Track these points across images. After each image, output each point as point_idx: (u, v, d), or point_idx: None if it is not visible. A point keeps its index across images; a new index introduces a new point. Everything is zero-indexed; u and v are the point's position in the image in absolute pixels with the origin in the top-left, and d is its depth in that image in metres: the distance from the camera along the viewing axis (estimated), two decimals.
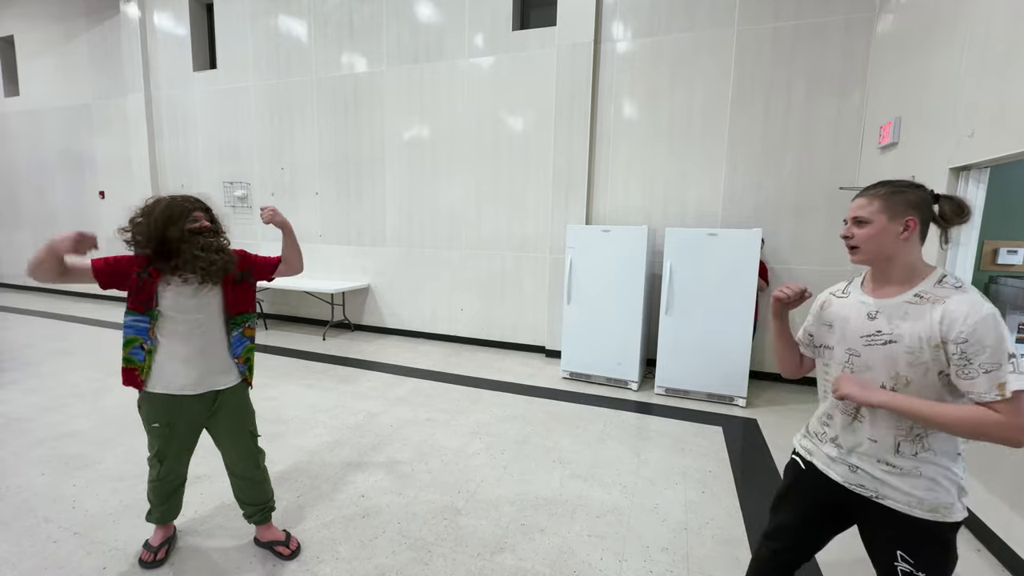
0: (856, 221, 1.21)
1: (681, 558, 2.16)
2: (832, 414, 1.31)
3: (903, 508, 1.17)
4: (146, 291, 1.77)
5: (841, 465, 1.27)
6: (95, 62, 7.72)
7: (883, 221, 1.16)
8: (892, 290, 1.19)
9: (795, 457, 1.44)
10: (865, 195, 1.21)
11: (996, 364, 1.02)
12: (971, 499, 2.37)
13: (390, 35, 5.75)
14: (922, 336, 1.10)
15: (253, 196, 6.84)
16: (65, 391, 3.96)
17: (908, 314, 1.14)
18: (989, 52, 2.56)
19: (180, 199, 1.79)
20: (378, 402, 3.93)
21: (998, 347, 1.02)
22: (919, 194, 1.17)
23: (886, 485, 1.18)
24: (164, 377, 1.83)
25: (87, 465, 2.80)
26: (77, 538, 2.17)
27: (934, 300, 1.11)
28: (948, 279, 1.14)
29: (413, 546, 2.18)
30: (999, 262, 2.85)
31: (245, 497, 2.09)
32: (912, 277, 1.17)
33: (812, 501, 1.36)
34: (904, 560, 1.17)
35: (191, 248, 1.74)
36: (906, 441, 1.16)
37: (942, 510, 1.15)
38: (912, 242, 1.16)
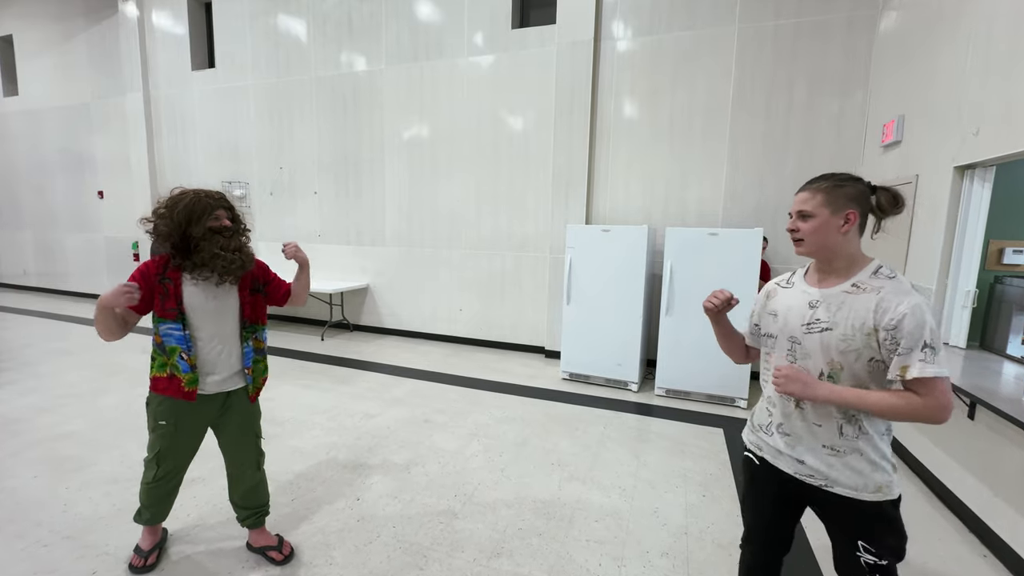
0: (800, 215, 1.26)
1: (681, 563, 2.13)
2: (774, 401, 1.35)
3: (851, 493, 1.21)
4: (172, 296, 1.76)
5: (788, 459, 1.31)
6: (94, 61, 7.70)
7: (826, 215, 1.21)
8: (832, 280, 1.25)
9: (747, 454, 1.47)
10: (808, 189, 1.26)
11: (908, 349, 1.10)
12: (977, 503, 2.35)
13: (389, 34, 5.71)
14: (855, 324, 1.15)
15: (252, 195, 6.82)
16: (63, 392, 3.93)
17: (844, 303, 1.19)
18: (994, 49, 2.52)
19: (204, 195, 1.77)
20: (375, 403, 3.90)
21: (915, 334, 1.09)
22: (858, 187, 1.21)
23: (833, 469, 1.23)
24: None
25: (81, 467, 2.77)
26: (68, 542, 2.14)
27: (870, 289, 1.17)
28: (883, 270, 1.20)
29: (409, 551, 2.15)
30: (1005, 262, 2.80)
31: (242, 501, 2.06)
32: (851, 268, 1.23)
33: (772, 495, 1.39)
34: (866, 550, 1.22)
35: (211, 246, 1.73)
36: (846, 423, 1.21)
37: (884, 488, 1.20)
38: (852, 234, 1.21)
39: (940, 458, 2.70)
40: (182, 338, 1.77)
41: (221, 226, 1.78)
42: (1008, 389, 2.22)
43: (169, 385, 1.80)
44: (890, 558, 1.21)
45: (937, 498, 2.67)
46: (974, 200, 2.72)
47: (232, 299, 1.87)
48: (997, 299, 2.73)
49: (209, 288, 1.80)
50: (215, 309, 1.83)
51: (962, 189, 2.76)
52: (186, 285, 1.78)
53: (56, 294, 8.77)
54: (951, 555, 2.23)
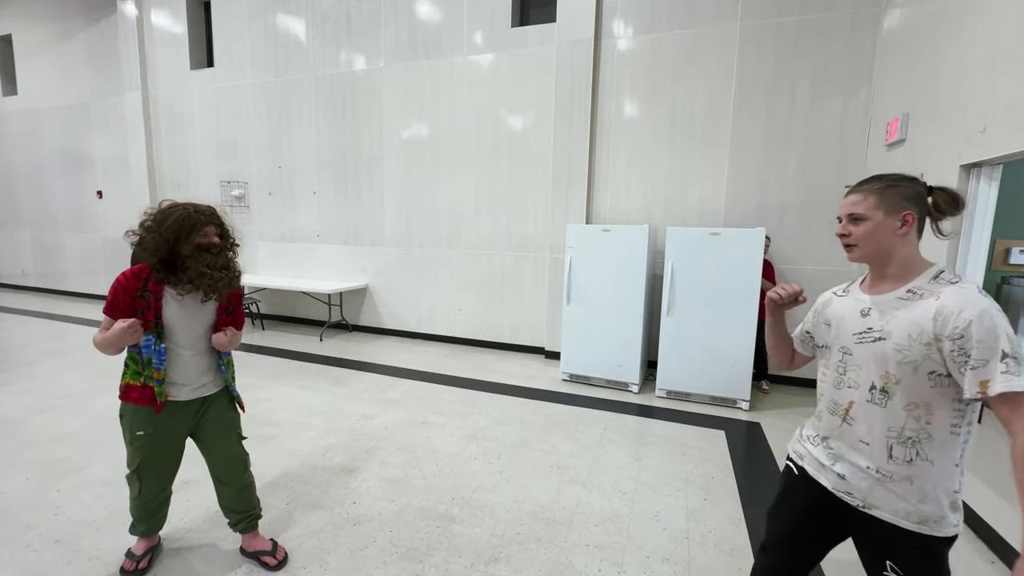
0: (852, 218, 1.17)
1: (683, 569, 2.08)
2: (823, 414, 1.29)
3: (890, 519, 1.12)
4: (151, 309, 1.73)
5: (830, 473, 1.23)
6: (93, 61, 7.67)
7: (880, 217, 1.13)
8: (887, 287, 1.17)
9: (788, 463, 1.41)
10: (859, 191, 1.17)
11: (983, 361, 0.98)
12: (985, 509, 2.30)
13: (388, 32, 5.68)
14: (911, 333, 1.06)
15: (251, 195, 6.79)
16: (57, 392, 3.90)
17: (899, 310, 1.11)
18: (1001, 46, 2.48)
19: (193, 210, 1.73)
20: (373, 404, 3.86)
21: (989, 343, 0.98)
22: (914, 187, 1.13)
23: (873, 494, 1.14)
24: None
25: (74, 470, 2.74)
26: (58, 546, 2.10)
27: (927, 295, 1.08)
28: (944, 275, 1.11)
29: (405, 556, 2.11)
30: (1011, 262, 2.76)
31: (231, 504, 2.02)
32: (908, 273, 1.14)
33: (804, 508, 1.32)
34: (893, 570, 1.13)
35: (198, 265, 1.71)
36: (898, 445, 1.11)
37: (931, 523, 1.09)
38: (910, 237, 1.13)
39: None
40: (153, 351, 1.75)
41: (209, 243, 1.75)
42: None
43: (143, 394, 1.78)
44: None
45: None
46: (980, 199, 2.67)
47: (208, 315, 1.86)
48: (1004, 299, 2.69)
49: (192, 303, 1.79)
50: (191, 323, 1.81)
51: (968, 188, 2.72)
52: (167, 299, 1.75)
53: (54, 294, 8.74)
54: (959, 561, 2.18)
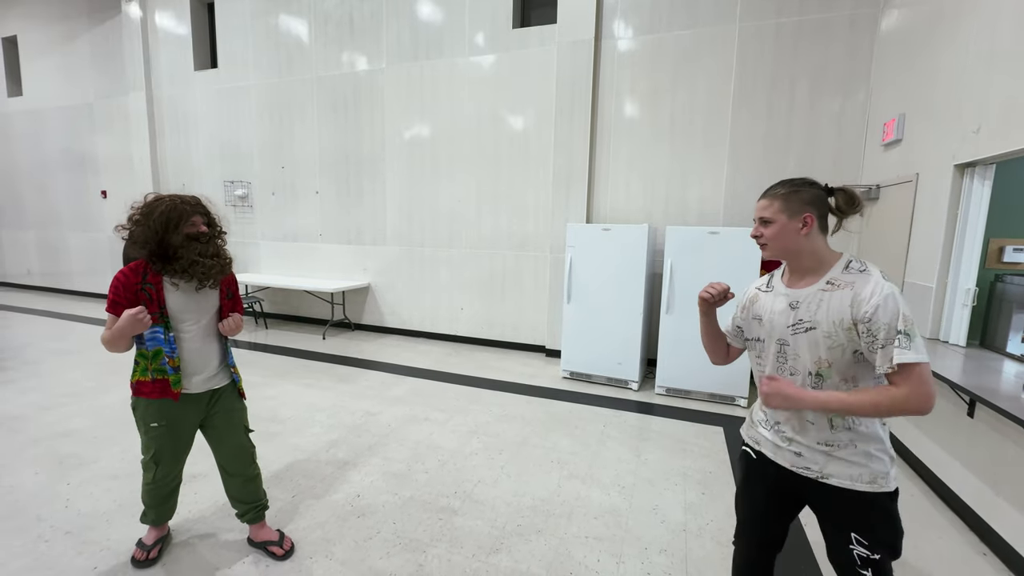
0: (762, 221, 1.31)
1: (680, 560, 2.13)
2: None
3: (846, 483, 1.22)
4: (154, 301, 1.77)
5: (786, 452, 1.32)
6: (97, 61, 7.73)
7: (784, 219, 1.26)
8: (807, 280, 1.28)
9: (745, 448, 1.48)
10: (766, 196, 1.31)
11: (887, 340, 1.11)
12: (977, 502, 2.34)
13: (390, 33, 5.73)
14: (835, 320, 1.18)
15: (254, 195, 6.84)
16: (63, 390, 3.95)
17: (823, 301, 1.22)
18: (996, 47, 2.52)
19: (179, 202, 1.77)
20: (376, 402, 3.91)
21: (891, 323, 1.11)
22: (813, 191, 1.26)
23: (829, 463, 1.24)
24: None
25: (82, 464, 2.79)
26: (69, 537, 2.15)
27: (843, 285, 1.20)
28: (853, 264, 1.23)
29: (408, 547, 2.16)
30: (1005, 260, 2.79)
31: (238, 495, 2.07)
32: (821, 266, 1.26)
33: (767, 489, 1.40)
34: (859, 543, 1.22)
35: (190, 254, 1.75)
36: (837, 417, 1.23)
37: (879, 480, 1.21)
38: (813, 235, 1.25)
39: (940, 456, 2.69)
40: (163, 340, 1.79)
41: (198, 232, 1.80)
42: (1008, 387, 2.21)
43: (154, 388, 1.82)
44: (883, 552, 1.21)
45: (937, 496, 2.67)
46: (974, 198, 2.71)
47: (212, 300, 1.91)
48: (997, 297, 2.72)
49: (190, 291, 1.83)
50: (197, 310, 1.86)
51: (962, 187, 2.76)
52: (168, 289, 1.79)
53: (60, 293, 8.80)
54: (951, 553, 2.23)
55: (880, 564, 1.21)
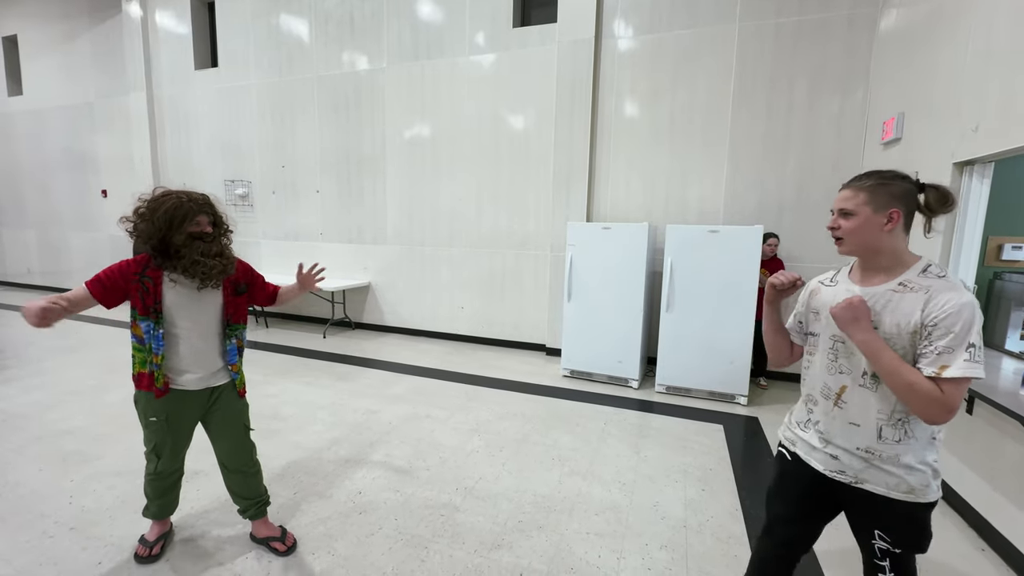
0: (842, 213, 1.23)
1: (680, 556, 2.14)
2: (816, 399, 1.33)
3: (881, 491, 1.20)
4: (152, 294, 1.77)
5: (821, 454, 1.30)
6: (98, 61, 7.74)
7: (868, 213, 1.18)
8: (878, 279, 1.22)
9: (781, 449, 1.47)
10: (851, 187, 1.23)
11: (950, 349, 1.06)
12: (975, 498, 2.35)
13: (391, 33, 5.74)
14: (901, 323, 1.13)
15: (254, 194, 6.85)
16: (66, 388, 3.96)
17: (891, 302, 1.17)
18: (994, 46, 2.53)
19: (186, 199, 1.77)
20: (377, 400, 3.92)
21: (961, 335, 1.06)
22: (904, 185, 1.18)
23: (865, 470, 1.21)
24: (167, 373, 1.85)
25: (86, 461, 2.80)
26: (73, 533, 2.17)
27: (917, 289, 1.14)
28: (932, 268, 1.17)
29: (410, 543, 2.17)
30: (1004, 258, 2.81)
31: (239, 491, 2.08)
32: (897, 266, 1.20)
33: (800, 491, 1.38)
34: (881, 538, 1.22)
35: (192, 253, 1.74)
36: (888, 426, 1.18)
37: (918, 491, 1.18)
38: (896, 233, 1.18)
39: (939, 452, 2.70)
40: (151, 336, 1.79)
41: (202, 232, 1.79)
42: (1006, 383, 2.23)
43: (147, 381, 1.83)
44: (905, 548, 1.20)
45: None
46: (973, 196, 2.72)
47: (215, 299, 1.89)
48: (996, 295, 2.74)
49: (191, 289, 1.82)
50: (198, 308, 1.85)
51: (961, 185, 2.77)
52: (166, 285, 1.79)
53: (60, 292, 8.79)
54: (950, 549, 2.24)
55: (900, 557, 1.20)
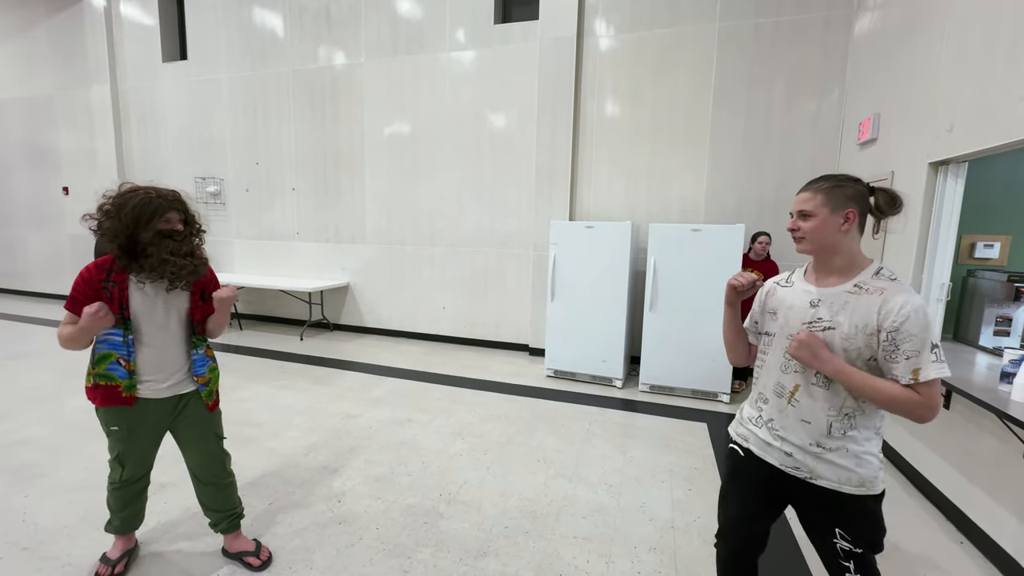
0: (801, 214, 1.27)
1: (669, 558, 2.11)
2: (767, 397, 1.35)
3: (834, 486, 1.23)
4: (115, 301, 1.66)
5: (775, 451, 1.32)
6: (57, 51, 7.36)
7: (825, 214, 1.22)
8: (833, 280, 1.26)
9: (733, 446, 1.48)
10: (809, 189, 1.27)
11: (916, 352, 1.11)
12: (952, 491, 2.40)
13: (369, 27, 5.61)
14: (858, 324, 1.17)
15: (227, 192, 6.62)
16: (20, 396, 3.73)
17: (847, 303, 1.20)
18: (967, 48, 2.58)
19: (155, 195, 1.65)
20: (356, 403, 3.81)
21: (923, 337, 1.11)
22: (857, 187, 1.23)
23: (819, 464, 1.24)
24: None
25: (41, 475, 2.62)
26: (26, 553, 2.01)
27: (873, 290, 1.18)
28: (884, 271, 1.22)
29: (392, 553, 2.09)
30: (976, 256, 2.88)
31: (211, 504, 1.97)
32: (851, 268, 1.24)
33: (754, 488, 1.40)
34: (842, 537, 1.24)
35: (160, 251, 1.63)
36: (837, 420, 1.22)
37: (868, 484, 1.21)
38: (852, 233, 1.23)
39: (917, 447, 2.76)
40: (120, 344, 1.69)
41: (172, 229, 1.68)
42: (981, 378, 2.27)
43: (99, 394, 1.71)
44: (865, 547, 1.22)
45: (914, 487, 2.73)
46: (948, 195, 2.78)
47: (182, 303, 1.79)
48: (970, 292, 2.80)
49: (158, 292, 1.72)
50: (164, 312, 1.75)
51: (936, 185, 2.82)
52: (132, 289, 1.69)
53: (16, 295, 8.36)
54: (929, 542, 2.27)
55: (862, 556, 1.23)
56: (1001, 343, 2.60)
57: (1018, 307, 2.59)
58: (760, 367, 1.40)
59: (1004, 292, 2.60)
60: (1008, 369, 2.06)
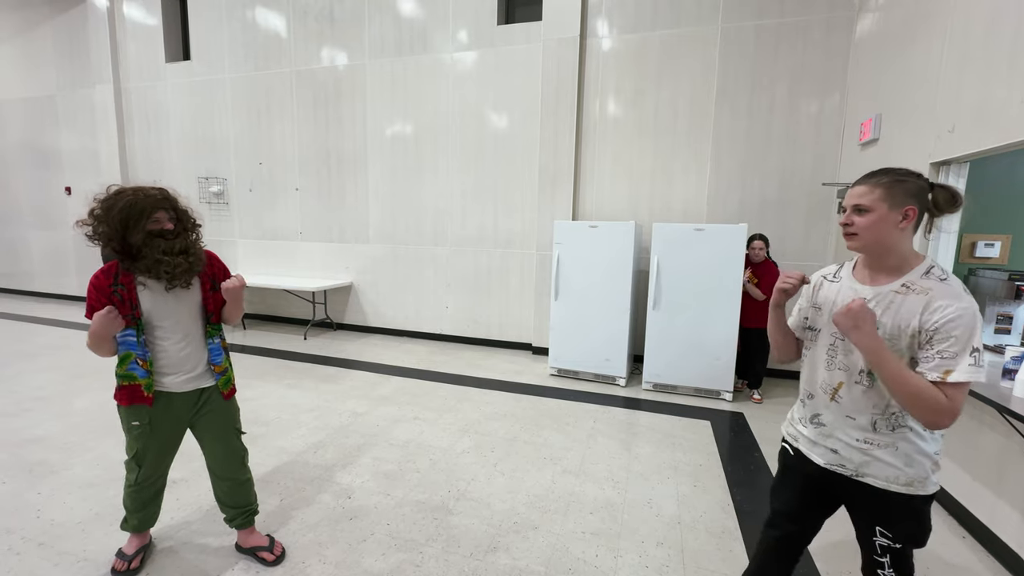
0: (856, 209, 1.21)
1: (676, 552, 2.15)
2: (813, 393, 1.35)
3: (881, 484, 1.21)
4: (127, 302, 1.69)
5: (822, 448, 1.31)
6: (60, 52, 7.37)
7: (884, 209, 1.16)
8: (882, 278, 1.22)
9: (784, 444, 1.49)
10: (867, 183, 1.21)
11: (954, 354, 1.07)
12: (955, 487, 2.43)
13: (372, 28, 5.63)
14: (902, 325, 1.14)
15: (230, 192, 6.64)
16: (29, 395, 3.75)
17: (893, 303, 1.17)
18: (969, 48, 2.61)
19: (142, 196, 1.65)
20: (362, 402, 3.83)
21: (963, 341, 1.07)
22: (918, 183, 1.17)
23: (866, 461, 1.22)
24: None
25: (53, 472, 2.65)
26: (42, 549, 2.04)
27: (919, 291, 1.14)
28: (935, 270, 1.17)
29: (403, 547, 2.12)
30: (977, 255, 2.92)
31: (228, 500, 2.00)
32: (902, 266, 1.19)
33: (802, 485, 1.40)
34: (882, 534, 1.23)
35: (153, 252, 1.65)
36: (882, 419, 1.21)
37: (916, 484, 1.20)
38: (908, 232, 1.18)
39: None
40: (135, 344, 1.72)
41: (162, 229, 1.68)
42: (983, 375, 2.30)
43: (122, 395, 1.75)
44: (905, 543, 1.22)
45: None
46: None
47: (192, 297, 1.81)
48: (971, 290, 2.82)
49: (161, 290, 1.74)
50: (175, 307, 1.77)
51: None
52: (139, 289, 1.71)
53: (20, 295, 8.37)
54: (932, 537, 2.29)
55: (900, 552, 1.22)
56: (1002, 341, 2.63)
57: (1019, 305, 2.62)
58: (810, 362, 1.38)
59: (1005, 290, 2.64)
60: (1009, 366, 2.09)
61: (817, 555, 2.11)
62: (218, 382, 1.89)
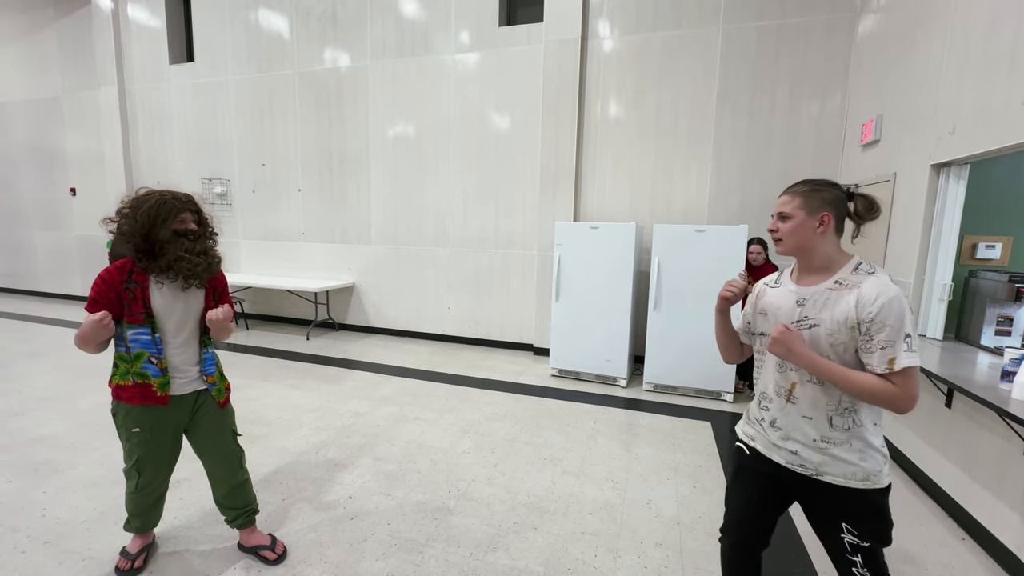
0: (780, 216, 1.33)
1: (675, 553, 2.16)
2: (769, 396, 1.39)
3: (839, 481, 1.26)
4: (139, 300, 1.72)
5: (782, 450, 1.35)
6: (65, 54, 7.43)
7: (802, 216, 1.28)
8: (815, 279, 1.31)
9: (739, 444, 1.51)
10: (788, 193, 1.34)
11: (891, 342, 1.15)
12: (955, 489, 2.43)
13: (374, 29, 5.66)
14: (839, 319, 1.21)
15: (233, 193, 6.67)
16: (34, 395, 3.79)
17: (829, 300, 1.25)
18: (969, 51, 2.61)
19: (170, 197, 1.72)
20: (364, 402, 3.85)
21: (896, 327, 1.15)
22: (835, 192, 1.28)
23: (824, 460, 1.27)
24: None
25: (58, 471, 2.68)
26: (47, 547, 2.07)
27: (851, 286, 1.23)
28: (863, 266, 1.27)
29: (404, 547, 2.13)
30: (978, 256, 2.92)
31: (227, 501, 2.02)
32: (831, 266, 1.29)
33: (759, 485, 1.42)
34: (849, 532, 1.26)
35: (175, 249, 1.70)
36: (837, 415, 1.26)
37: (872, 477, 1.24)
38: (828, 235, 1.28)
39: (919, 446, 2.79)
40: (149, 342, 1.74)
41: (186, 229, 1.74)
42: (983, 377, 2.30)
43: (136, 392, 1.76)
44: (872, 541, 1.25)
45: (916, 484, 2.77)
46: (950, 197, 2.81)
47: (197, 302, 1.85)
48: (971, 292, 2.83)
49: (176, 291, 1.78)
50: (182, 311, 1.80)
51: (938, 186, 2.86)
52: (153, 288, 1.74)
53: (25, 295, 8.43)
54: (931, 539, 2.31)
55: (870, 550, 1.25)
56: (1002, 343, 2.63)
57: (1019, 307, 2.62)
58: (759, 367, 1.44)
59: (1005, 292, 2.63)
60: (1009, 368, 2.09)
61: (817, 555, 2.12)
62: (212, 392, 1.92)
